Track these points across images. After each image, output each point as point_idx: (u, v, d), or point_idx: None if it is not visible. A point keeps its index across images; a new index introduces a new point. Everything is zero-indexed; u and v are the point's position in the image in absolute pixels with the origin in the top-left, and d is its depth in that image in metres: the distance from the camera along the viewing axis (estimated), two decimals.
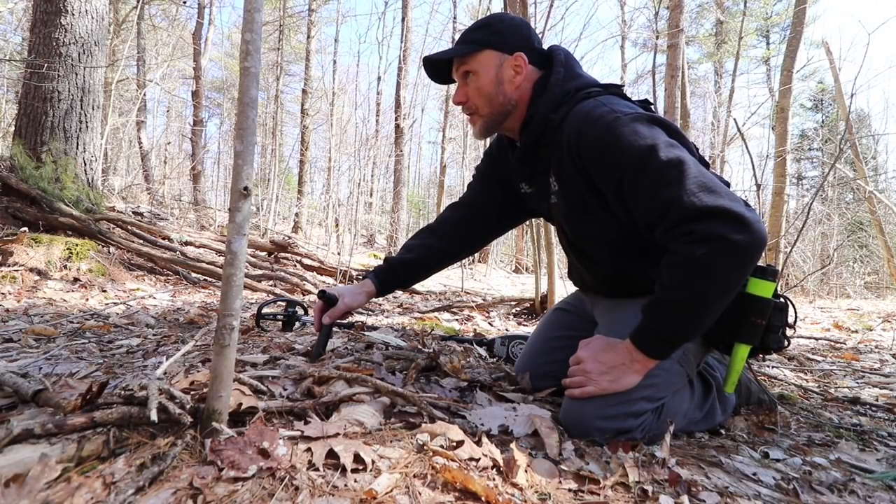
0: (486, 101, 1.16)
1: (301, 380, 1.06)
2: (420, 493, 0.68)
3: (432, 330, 2.24)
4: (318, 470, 0.70)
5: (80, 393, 0.78)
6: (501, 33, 1.16)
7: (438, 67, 1.22)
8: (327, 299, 1.34)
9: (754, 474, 0.91)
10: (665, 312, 0.96)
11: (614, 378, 1.02)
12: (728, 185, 1.31)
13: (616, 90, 1.12)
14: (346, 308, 1.35)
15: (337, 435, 0.81)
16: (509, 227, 1.51)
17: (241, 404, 0.84)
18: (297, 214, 12.48)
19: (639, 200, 0.98)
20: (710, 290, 0.92)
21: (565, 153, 1.08)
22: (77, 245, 3.40)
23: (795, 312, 1.14)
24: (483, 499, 0.68)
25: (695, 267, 0.90)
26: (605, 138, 0.99)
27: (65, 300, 2.71)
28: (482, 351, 1.73)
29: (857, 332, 3.71)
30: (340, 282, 4.78)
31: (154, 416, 0.72)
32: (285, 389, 1.02)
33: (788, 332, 1.12)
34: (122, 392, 0.81)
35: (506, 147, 1.33)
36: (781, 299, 1.10)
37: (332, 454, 0.73)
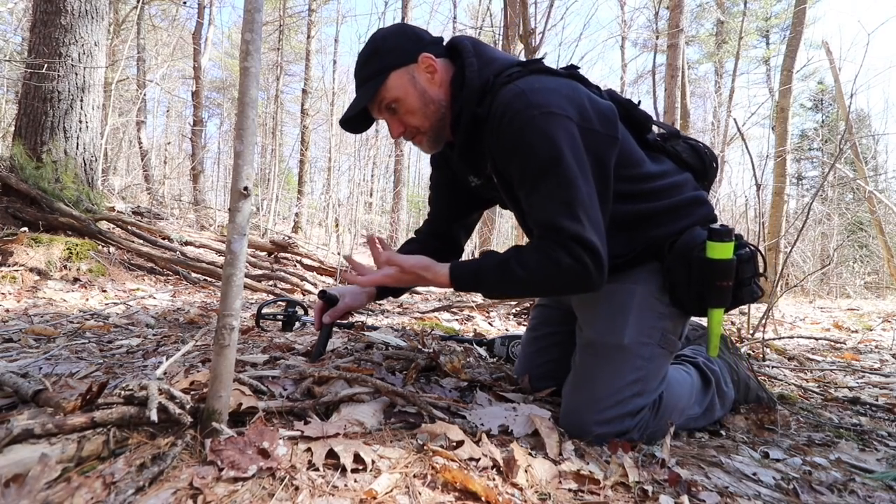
0: (421, 116, 1.12)
1: (301, 380, 1.06)
2: (420, 493, 0.68)
3: (432, 330, 2.24)
4: (318, 470, 0.70)
5: (80, 393, 0.78)
6: (393, 50, 1.10)
7: (358, 121, 1.15)
8: (328, 299, 1.34)
9: (754, 474, 0.91)
10: (497, 272, 1.04)
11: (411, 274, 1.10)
12: (715, 158, 1.26)
13: (537, 66, 1.08)
14: (346, 308, 1.34)
15: (337, 435, 0.81)
16: (478, 215, 1.48)
17: (241, 404, 0.84)
18: (297, 214, 12.47)
19: (532, 207, 1.03)
20: (538, 284, 1.04)
21: (494, 146, 1.06)
22: (77, 245, 3.40)
23: (765, 260, 1.13)
24: (483, 499, 0.68)
25: (551, 266, 0.99)
26: (516, 140, 1.00)
27: (65, 300, 2.71)
28: (482, 351, 1.73)
29: (857, 332, 3.71)
30: (340, 282, 4.78)
31: (154, 416, 0.72)
32: (285, 389, 1.02)
33: (761, 281, 1.11)
34: (122, 392, 0.81)
35: (445, 148, 1.27)
36: (746, 249, 1.08)
37: (332, 454, 0.73)
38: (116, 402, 0.78)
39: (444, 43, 1.16)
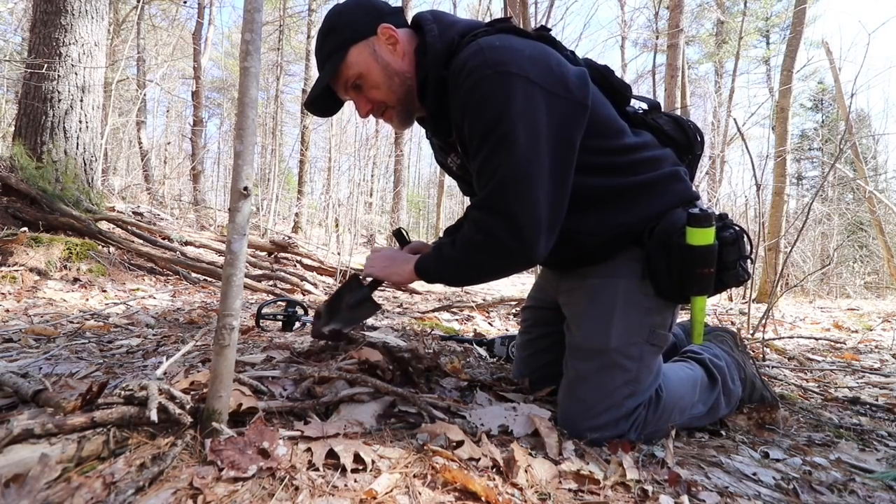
0: (386, 89, 1.07)
1: (301, 380, 1.06)
2: (420, 493, 0.68)
3: (432, 330, 2.24)
4: (318, 470, 0.70)
5: (80, 393, 0.78)
6: (350, 24, 1.05)
7: (323, 102, 1.12)
8: (401, 237, 1.35)
9: (754, 474, 0.91)
10: (440, 259, 1.07)
11: (388, 265, 1.18)
12: (695, 133, 1.19)
13: (505, 26, 1.02)
14: (420, 246, 1.31)
15: (337, 435, 0.81)
16: None
17: (241, 404, 0.84)
18: (297, 214, 12.48)
19: (474, 175, 1.01)
20: (471, 265, 1.04)
21: (452, 109, 1.01)
22: (77, 245, 3.40)
23: (751, 242, 1.08)
24: (483, 499, 0.68)
25: (467, 244, 1.01)
26: (467, 99, 0.95)
27: (65, 300, 2.71)
28: (482, 351, 1.73)
29: (857, 332, 3.71)
30: (340, 282, 4.78)
31: (154, 416, 0.72)
32: (285, 389, 1.02)
33: (748, 264, 1.06)
34: (122, 392, 0.81)
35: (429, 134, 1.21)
36: (730, 231, 1.02)
37: (332, 454, 0.73)
38: (116, 402, 0.78)
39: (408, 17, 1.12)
